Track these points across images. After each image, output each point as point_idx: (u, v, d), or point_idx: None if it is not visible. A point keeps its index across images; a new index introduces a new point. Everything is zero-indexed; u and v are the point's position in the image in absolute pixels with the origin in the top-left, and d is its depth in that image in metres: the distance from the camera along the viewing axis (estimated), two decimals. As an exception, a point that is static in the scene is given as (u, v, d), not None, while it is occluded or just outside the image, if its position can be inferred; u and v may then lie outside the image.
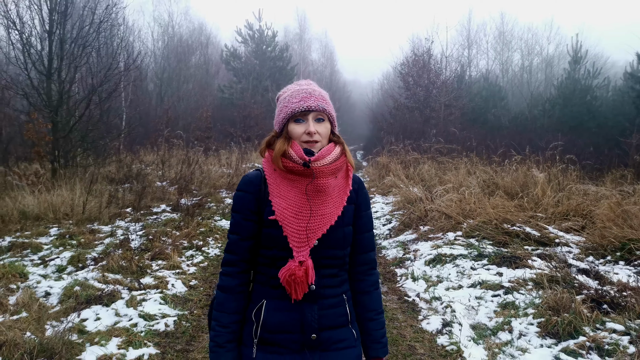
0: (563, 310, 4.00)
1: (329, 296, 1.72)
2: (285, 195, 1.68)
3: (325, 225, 1.66)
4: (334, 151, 1.71)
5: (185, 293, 5.12)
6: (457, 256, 6.08)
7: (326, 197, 1.69)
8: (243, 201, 1.73)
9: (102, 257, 5.98)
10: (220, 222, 8.52)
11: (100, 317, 4.26)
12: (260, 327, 1.69)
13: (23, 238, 6.98)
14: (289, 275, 1.62)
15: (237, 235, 1.74)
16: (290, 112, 1.70)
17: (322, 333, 1.70)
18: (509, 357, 3.66)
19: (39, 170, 9.36)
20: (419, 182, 11.14)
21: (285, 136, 1.72)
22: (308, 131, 1.68)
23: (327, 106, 1.72)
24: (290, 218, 1.65)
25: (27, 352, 3.30)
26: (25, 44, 9.87)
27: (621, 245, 5.85)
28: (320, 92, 1.76)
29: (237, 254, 1.74)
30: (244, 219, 1.73)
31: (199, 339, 4.06)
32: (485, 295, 4.84)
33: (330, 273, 1.73)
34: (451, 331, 4.14)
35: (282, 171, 1.70)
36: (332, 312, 1.72)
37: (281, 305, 1.69)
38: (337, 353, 1.71)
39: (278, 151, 1.69)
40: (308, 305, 1.68)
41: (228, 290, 1.73)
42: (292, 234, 1.64)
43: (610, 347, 3.54)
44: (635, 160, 10.36)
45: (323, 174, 1.67)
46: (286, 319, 1.68)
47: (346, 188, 1.75)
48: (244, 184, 1.75)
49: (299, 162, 1.66)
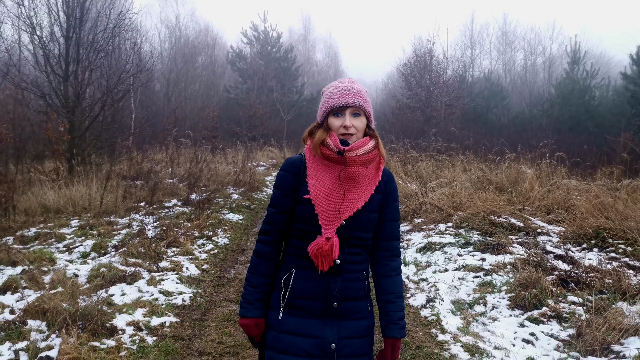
0: (531, 287, 4.55)
1: (352, 271, 1.91)
2: (320, 179, 1.87)
3: (352, 209, 1.84)
4: (368, 144, 1.89)
5: (199, 275, 5.71)
6: (445, 244, 6.63)
7: (356, 184, 1.87)
8: (284, 179, 1.95)
9: (121, 245, 6.57)
10: (228, 216, 9.09)
11: (125, 293, 4.85)
12: (289, 293, 1.89)
13: (47, 229, 7.57)
14: (317, 249, 1.81)
15: (275, 208, 1.95)
16: (330, 107, 1.89)
17: (343, 303, 1.89)
18: (480, 324, 4.22)
19: (59, 167, 9.96)
20: (416, 178, 11.67)
21: (325, 127, 1.91)
22: (344, 125, 1.87)
23: (363, 103, 1.90)
24: (322, 199, 1.84)
25: (67, 317, 3.88)
26: (45, 48, 10.48)
27: (596, 234, 6.38)
28: (359, 89, 1.93)
29: (273, 225, 1.95)
30: (282, 195, 1.94)
31: (212, 312, 4.64)
32: (467, 276, 5.40)
33: (355, 252, 1.91)
34: (434, 305, 4.69)
35: (320, 157, 1.90)
36: (353, 285, 1.90)
37: (309, 275, 1.88)
38: (353, 322, 1.91)
39: (318, 140, 1.88)
40: (333, 277, 1.87)
41: (261, 255, 1.96)
42: (322, 213, 1.83)
43: (568, 315, 4.10)
44: (623, 158, 10.86)
45: (355, 163, 1.84)
46: (312, 287, 1.87)
47: (375, 178, 1.92)
48: (287, 165, 1.97)
49: (334, 151, 1.86)
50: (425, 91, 24.12)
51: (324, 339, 1.85)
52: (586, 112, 21.41)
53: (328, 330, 1.86)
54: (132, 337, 3.88)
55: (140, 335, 3.94)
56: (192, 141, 16.48)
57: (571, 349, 3.63)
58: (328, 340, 1.85)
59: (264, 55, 30.85)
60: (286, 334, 1.87)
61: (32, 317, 4.02)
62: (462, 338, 3.97)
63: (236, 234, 7.99)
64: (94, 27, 11.50)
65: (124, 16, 11.90)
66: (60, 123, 10.57)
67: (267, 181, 14.68)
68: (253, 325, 1.92)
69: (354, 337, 1.89)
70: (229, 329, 4.18)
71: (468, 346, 3.82)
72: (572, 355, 3.54)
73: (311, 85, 41.48)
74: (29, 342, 3.64)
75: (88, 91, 12.17)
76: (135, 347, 3.73)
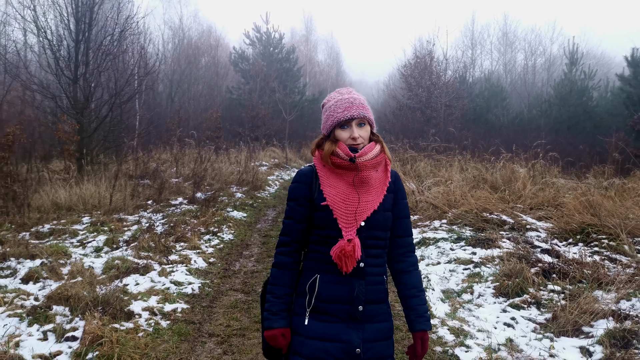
0: (514, 277, 4.92)
1: (374, 274, 1.98)
2: (334, 185, 1.97)
3: (369, 210, 1.94)
4: (374, 149, 2.01)
5: (206, 267, 6.08)
6: (439, 239, 7.00)
7: (369, 187, 1.98)
8: (299, 190, 2.03)
9: (132, 240, 6.95)
10: (232, 213, 9.47)
11: (139, 283, 5.23)
12: (315, 298, 1.94)
13: (60, 225, 7.96)
14: (340, 251, 1.89)
15: (292, 219, 2.03)
16: (337, 121, 1.99)
17: (367, 306, 1.95)
18: (467, 310, 4.59)
19: (70, 166, 10.36)
20: (414, 177, 12.03)
21: (332, 139, 2.01)
22: (353, 136, 1.97)
23: (366, 112, 2.00)
24: (339, 203, 1.94)
25: (89, 303, 4.26)
26: (56, 52, 10.88)
27: (581, 230, 6.74)
28: (360, 99, 2.03)
29: (291, 236, 2.03)
30: (298, 205, 2.02)
31: (220, 300, 5.01)
32: (458, 268, 5.76)
33: (375, 253, 1.99)
34: (426, 294, 5.05)
35: (330, 167, 2.00)
36: (376, 288, 1.98)
37: (334, 279, 1.94)
38: (376, 325, 1.97)
39: (327, 151, 1.98)
40: (357, 280, 1.94)
41: (282, 267, 2.01)
42: (341, 217, 1.92)
43: (546, 301, 4.46)
44: (615, 157, 11.21)
45: (366, 167, 1.96)
46: (338, 291, 1.93)
47: (385, 180, 2.03)
48: (299, 177, 2.06)
49: (345, 159, 1.96)
50: (426, 92, 24.46)
51: (350, 343, 1.90)
52: (584, 112, 21.72)
53: (353, 334, 1.92)
54: (148, 320, 4.27)
55: (155, 319, 4.32)
56: (196, 141, 16.87)
57: (546, 331, 4.00)
58: (354, 345, 1.90)
59: (266, 56, 31.21)
60: (313, 339, 1.92)
61: (56, 303, 4.41)
62: (449, 322, 4.33)
63: (240, 230, 8.37)
64: (103, 31, 11.89)
65: (130, 20, 12.29)
66: (70, 124, 10.96)
67: (270, 180, 15.06)
68: (280, 335, 1.95)
69: (377, 340, 1.96)
70: (236, 315, 4.56)
71: (454, 329, 4.18)
72: (546, 336, 3.91)
73: (313, 86, 41.82)
74: (55, 324, 4.03)
75: (96, 93, 12.56)
76: (151, 329, 4.12)
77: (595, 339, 3.70)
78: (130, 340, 3.74)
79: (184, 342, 3.95)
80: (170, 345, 3.86)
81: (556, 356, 3.60)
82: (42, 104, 12.40)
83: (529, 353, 3.68)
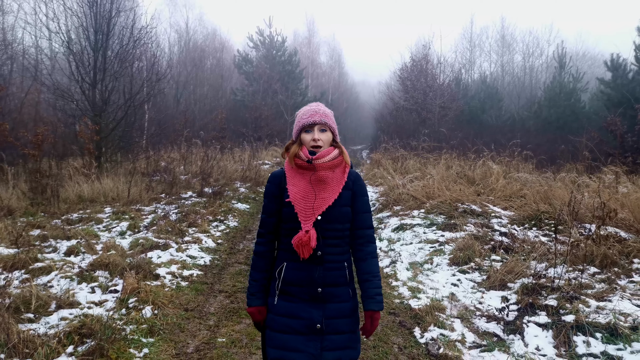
0: (465, 250, 6.05)
1: (332, 261, 2.23)
2: (296, 184, 2.22)
3: (324, 205, 2.18)
4: (332, 153, 2.25)
5: (215, 246, 7.24)
6: (415, 225, 8.12)
7: (326, 186, 2.21)
8: (269, 190, 2.32)
9: (151, 225, 8.11)
10: (236, 205, 10.63)
11: (160, 256, 6.38)
12: (281, 282, 2.23)
13: (86, 214, 9.12)
14: (298, 240, 2.14)
15: (265, 214, 2.33)
16: (302, 125, 2.26)
17: (325, 288, 2.21)
18: (424, 275, 5.72)
19: (92, 163, 11.54)
20: (403, 174, 13.16)
21: (298, 143, 2.29)
22: (313, 138, 2.23)
23: (328, 120, 2.26)
24: (299, 199, 2.19)
25: (125, 267, 5.41)
26: (78, 60, 12.07)
27: (535, 216, 7.86)
28: (325, 110, 2.29)
29: (265, 228, 2.33)
30: (269, 202, 2.31)
31: (227, 269, 6.16)
32: (425, 246, 6.89)
33: (333, 243, 2.23)
34: (395, 265, 6.19)
35: (295, 167, 2.26)
36: (334, 273, 2.23)
37: (296, 266, 2.21)
38: (336, 305, 2.23)
39: (292, 153, 2.26)
40: (315, 266, 2.20)
41: (258, 254, 2.33)
42: (300, 211, 2.17)
43: (487, 268, 5.59)
44: (585, 155, 12.30)
45: (322, 168, 2.20)
46: (299, 276, 2.21)
47: (342, 179, 2.26)
48: (271, 178, 2.33)
49: (304, 160, 2.22)
50: (421, 94, 25.52)
51: (311, 319, 2.18)
52: (572, 113, 22.75)
53: (315, 312, 2.19)
54: (171, 280, 5.43)
55: (176, 280, 5.48)
56: (203, 141, 18.02)
57: (480, 287, 5.12)
58: (314, 321, 2.17)
59: (269, 59, 32.23)
60: (280, 316, 2.22)
61: (97, 268, 5.56)
62: (408, 284, 5.47)
63: (244, 218, 9.52)
64: (120, 40, 13.07)
65: (144, 30, 13.47)
66: (91, 125, 12.14)
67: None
68: (257, 312, 2.30)
69: (337, 317, 2.22)
70: (240, 279, 5.70)
71: (412, 287, 5.32)
72: (480, 290, 5.03)
73: (315, 87, 42.78)
74: (99, 282, 5.18)
75: (113, 97, 13.74)
76: (174, 286, 5.27)
77: (513, 290, 4.83)
78: (160, 291, 4.90)
79: (200, 295, 5.11)
80: (190, 297, 5.01)
81: (483, 302, 4.73)
82: (64, 106, 13.54)
83: (464, 302, 4.80)
